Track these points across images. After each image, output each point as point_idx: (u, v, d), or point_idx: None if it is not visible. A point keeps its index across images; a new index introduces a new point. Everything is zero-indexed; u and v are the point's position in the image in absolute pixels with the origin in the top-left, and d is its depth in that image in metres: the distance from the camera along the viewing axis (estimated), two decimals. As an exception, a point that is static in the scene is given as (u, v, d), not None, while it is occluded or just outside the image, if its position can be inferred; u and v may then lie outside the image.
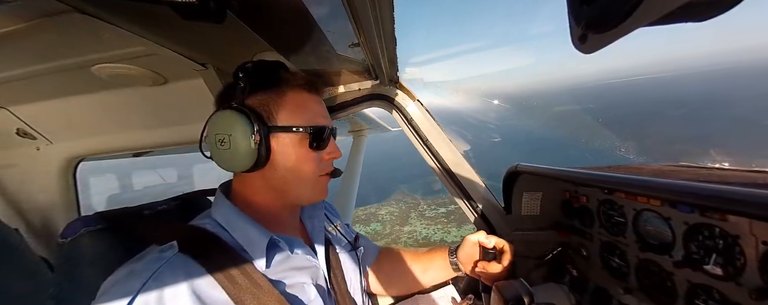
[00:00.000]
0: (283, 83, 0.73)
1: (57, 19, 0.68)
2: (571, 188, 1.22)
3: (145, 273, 0.56)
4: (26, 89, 1.15)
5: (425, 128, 1.43)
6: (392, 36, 0.90)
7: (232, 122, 0.67)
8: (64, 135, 1.54)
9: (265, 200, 0.76)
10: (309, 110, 0.75)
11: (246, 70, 0.70)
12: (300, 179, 0.74)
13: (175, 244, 0.61)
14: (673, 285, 0.85)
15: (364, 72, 1.34)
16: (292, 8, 0.77)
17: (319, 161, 0.76)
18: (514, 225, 1.37)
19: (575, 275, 1.21)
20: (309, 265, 0.76)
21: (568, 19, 0.35)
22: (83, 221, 0.72)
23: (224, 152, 0.68)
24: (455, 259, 0.99)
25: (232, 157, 0.68)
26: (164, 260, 0.58)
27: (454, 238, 16.40)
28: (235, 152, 0.67)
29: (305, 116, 0.73)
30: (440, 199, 22.08)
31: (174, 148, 1.68)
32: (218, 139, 0.68)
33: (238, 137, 0.66)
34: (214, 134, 0.69)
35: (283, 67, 0.77)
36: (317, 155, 0.75)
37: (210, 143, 0.70)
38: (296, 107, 0.73)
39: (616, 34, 0.29)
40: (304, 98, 0.75)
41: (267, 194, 0.76)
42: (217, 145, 0.68)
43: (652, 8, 0.24)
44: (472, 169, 1.43)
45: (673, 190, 0.75)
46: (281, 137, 0.71)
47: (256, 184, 0.75)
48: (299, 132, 0.71)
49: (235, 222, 0.70)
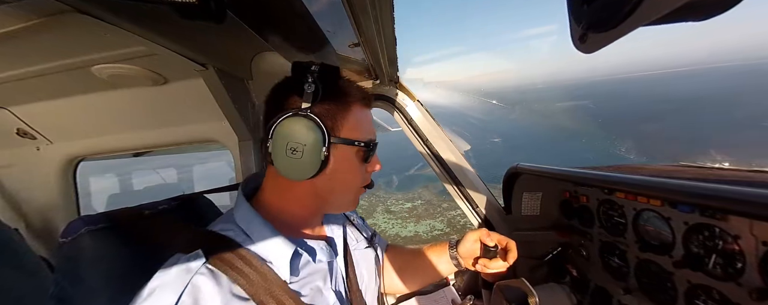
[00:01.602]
0: (348, 95, 0.73)
1: (57, 19, 0.68)
2: (571, 188, 1.22)
3: (179, 286, 0.56)
4: (26, 89, 1.15)
5: (425, 128, 1.43)
6: (392, 36, 0.90)
7: (309, 132, 0.66)
8: (64, 135, 1.54)
9: (300, 207, 0.76)
10: (367, 124, 0.77)
11: (314, 74, 0.68)
12: (346, 189, 0.76)
13: (201, 253, 0.61)
14: (673, 285, 0.85)
15: (364, 72, 1.34)
16: (292, 8, 0.77)
17: (365, 174, 0.78)
18: (514, 225, 1.37)
19: (575, 275, 1.21)
20: (328, 269, 0.76)
21: (568, 19, 0.35)
22: (84, 220, 0.72)
23: (294, 161, 0.67)
24: (455, 253, 0.98)
25: (300, 166, 0.67)
26: (194, 271, 0.58)
27: (408, 233, 16.39)
28: (304, 162, 0.67)
29: (364, 130, 0.75)
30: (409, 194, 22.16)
31: (174, 148, 1.68)
32: (290, 147, 0.66)
33: (311, 148, 0.66)
34: (286, 142, 0.67)
35: (342, 75, 0.77)
36: (364, 167, 0.77)
37: (277, 150, 0.68)
38: (358, 121, 0.74)
39: (616, 34, 0.29)
40: (364, 112, 0.76)
41: (305, 201, 0.76)
42: (287, 153, 0.67)
43: (652, 8, 0.24)
44: (472, 169, 1.43)
45: (673, 190, 0.75)
46: (341, 148, 0.71)
47: (299, 192, 0.74)
48: (359, 146, 0.73)
49: (258, 231, 0.69)
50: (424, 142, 1.44)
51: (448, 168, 1.43)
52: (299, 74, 0.69)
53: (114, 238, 0.74)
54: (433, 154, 1.44)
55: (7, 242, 1.13)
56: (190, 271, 0.58)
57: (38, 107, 1.32)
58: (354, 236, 0.94)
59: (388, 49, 1.00)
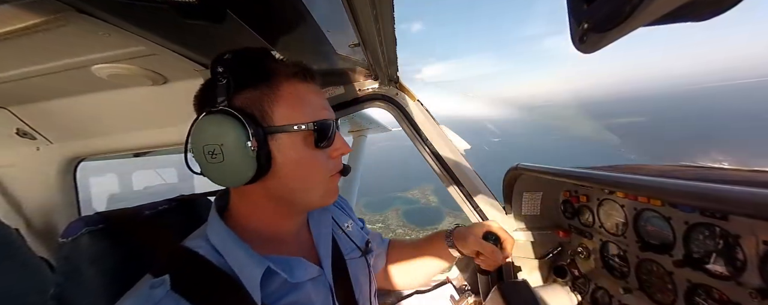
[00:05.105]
0: (273, 75, 0.62)
1: (57, 19, 0.68)
2: (571, 188, 1.22)
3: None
4: (26, 89, 1.15)
5: (425, 128, 1.43)
6: (392, 36, 0.90)
7: (221, 128, 0.57)
8: (64, 135, 1.54)
9: (266, 215, 0.68)
10: (308, 102, 0.65)
11: (226, 63, 0.60)
12: (307, 183, 0.66)
13: (167, 279, 0.55)
14: (673, 285, 0.85)
15: (364, 72, 1.34)
16: (292, 8, 0.77)
17: (327, 160, 0.68)
18: (514, 225, 1.37)
19: (575, 275, 1.21)
20: (313, 284, 0.69)
21: (568, 19, 0.35)
22: (84, 221, 0.72)
23: (217, 165, 0.58)
24: (452, 242, 0.93)
25: (226, 170, 0.58)
26: (155, 300, 0.52)
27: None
28: (229, 165, 0.57)
29: (305, 110, 0.63)
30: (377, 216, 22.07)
31: (174, 148, 1.68)
32: (207, 151, 0.58)
33: (231, 145, 0.56)
34: (201, 146, 0.58)
35: (268, 55, 0.67)
36: (324, 153, 0.67)
37: (197, 157, 0.60)
38: (294, 101, 0.62)
39: (617, 34, 0.29)
40: (300, 89, 0.64)
41: (270, 207, 0.67)
42: (206, 158, 0.58)
43: (653, 8, 0.24)
44: (472, 169, 1.43)
45: (673, 190, 0.75)
46: (281, 138, 0.61)
47: (257, 196, 0.66)
48: (302, 130, 0.62)
49: (229, 248, 0.61)
50: (423, 141, 1.44)
51: (448, 168, 1.42)
52: (212, 69, 0.61)
53: (114, 238, 0.73)
54: (433, 154, 1.44)
55: (7, 242, 1.13)
56: (151, 300, 0.52)
57: (38, 107, 1.31)
58: (346, 242, 0.86)
59: (388, 49, 1.00)
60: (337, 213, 0.92)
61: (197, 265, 0.59)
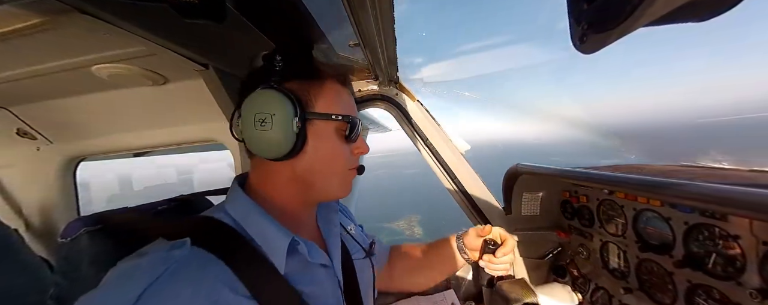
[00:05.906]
0: (320, 72, 0.71)
1: (57, 19, 0.68)
2: (571, 188, 1.22)
3: (146, 278, 0.49)
4: (26, 89, 1.15)
5: (425, 129, 1.43)
6: (392, 36, 0.90)
7: (276, 101, 0.62)
8: (64, 135, 1.54)
9: (287, 195, 0.72)
10: (345, 101, 0.73)
11: (282, 53, 0.68)
12: (330, 171, 0.71)
13: (188, 241, 0.55)
14: (673, 285, 0.85)
15: (364, 72, 1.34)
16: (292, 8, 0.77)
17: (349, 155, 0.74)
18: (514, 225, 1.37)
19: (575, 275, 1.21)
20: (325, 272, 0.71)
21: (568, 19, 0.35)
22: (83, 221, 0.72)
23: (264, 133, 0.63)
24: (462, 245, 0.97)
25: (271, 139, 0.63)
26: (172, 260, 0.51)
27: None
28: (275, 134, 0.63)
29: (342, 106, 0.71)
30: None
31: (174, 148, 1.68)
32: (259, 118, 0.63)
33: (280, 117, 0.62)
34: (254, 113, 0.63)
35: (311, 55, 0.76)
36: (349, 147, 0.73)
37: (246, 124, 0.64)
38: (334, 97, 0.70)
39: (617, 34, 0.29)
40: (340, 89, 0.73)
41: (290, 188, 0.71)
42: (256, 125, 0.63)
43: (653, 8, 0.24)
44: (472, 169, 1.43)
45: (673, 190, 0.75)
46: (318, 124, 0.68)
47: (281, 175, 0.70)
48: (338, 121, 0.69)
49: (252, 219, 0.64)
50: (423, 141, 1.44)
51: (448, 168, 1.43)
52: (267, 59, 0.69)
53: (113, 238, 0.73)
54: (433, 154, 1.44)
55: (7, 242, 1.13)
56: (168, 261, 0.51)
57: (38, 107, 1.31)
58: (352, 242, 0.89)
59: (388, 49, 1.00)
60: (340, 217, 0.93)
61: (219, 229, 0.61)
